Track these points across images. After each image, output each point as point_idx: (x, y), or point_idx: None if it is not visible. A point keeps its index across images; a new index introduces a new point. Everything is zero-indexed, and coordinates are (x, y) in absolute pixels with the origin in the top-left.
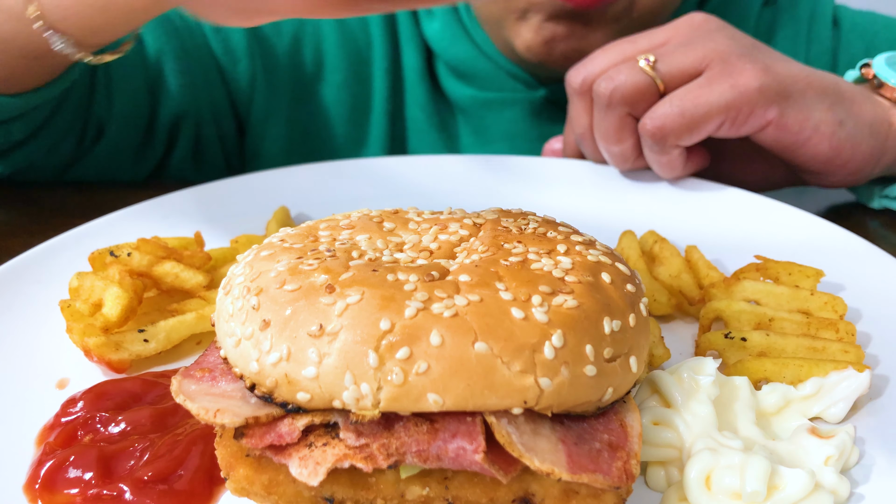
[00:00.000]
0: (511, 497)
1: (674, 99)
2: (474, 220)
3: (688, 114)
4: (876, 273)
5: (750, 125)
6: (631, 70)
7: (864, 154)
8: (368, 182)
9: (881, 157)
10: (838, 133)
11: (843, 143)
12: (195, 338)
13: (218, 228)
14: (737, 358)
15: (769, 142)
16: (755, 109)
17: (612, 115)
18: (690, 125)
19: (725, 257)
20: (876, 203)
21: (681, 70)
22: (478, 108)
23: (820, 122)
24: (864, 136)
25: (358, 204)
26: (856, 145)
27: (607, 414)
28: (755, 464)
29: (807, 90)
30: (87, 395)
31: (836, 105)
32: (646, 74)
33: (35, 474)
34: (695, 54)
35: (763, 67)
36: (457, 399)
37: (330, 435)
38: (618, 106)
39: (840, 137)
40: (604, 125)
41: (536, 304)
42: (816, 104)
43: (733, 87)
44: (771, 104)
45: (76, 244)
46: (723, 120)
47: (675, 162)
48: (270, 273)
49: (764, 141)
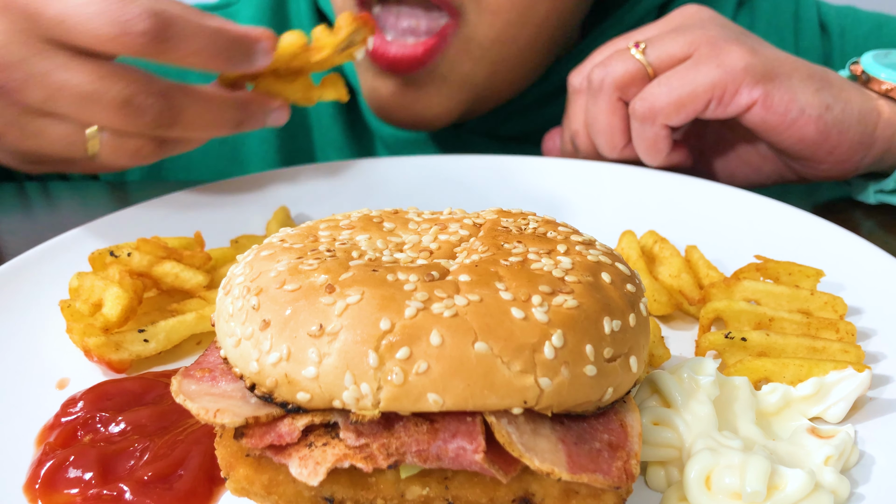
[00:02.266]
0: (511, 497)
1: (662, 80)
2: (474, 220)
3: (675, 92)
4: (876, 273)
5: (736, 104)
6: (622, 57)
7: (853, 141)
8: (368, 182)
9: (870, 146)
10: (825, 116)
11: (831, 128)
12: (195, 338)
13: (218, 228)
14: (737, 358)
15: (756, 122)
16: (741, 88)
17: (602, 100)
18: (678, 104)
19: (725, 257)
20: (872, 198)
21: (669, 55)
22: (400, 145)
23: (806, 104)
24: (852, 123)
25: (358, 204)
26: (843, 131)
27: (607, 414)
28: (755, 464)
29: (793, 73)
30: (87, 395)
31: (822, 90)
32: (636, 61)
33: (35, 474)
34: (683, 39)
35: (750, 49)
36: (457, 399)
37: (330, 435)
38: (609, 91)
39: (827, 121)
40: (595, 111)
41: (536, 304)
42: (803, 87)
43: (719, 65)
44: (757, 83)
45: (76, 244)
46: (709, 98)
47: (661, 146)
48: (270, 273)
49: (752, 122)
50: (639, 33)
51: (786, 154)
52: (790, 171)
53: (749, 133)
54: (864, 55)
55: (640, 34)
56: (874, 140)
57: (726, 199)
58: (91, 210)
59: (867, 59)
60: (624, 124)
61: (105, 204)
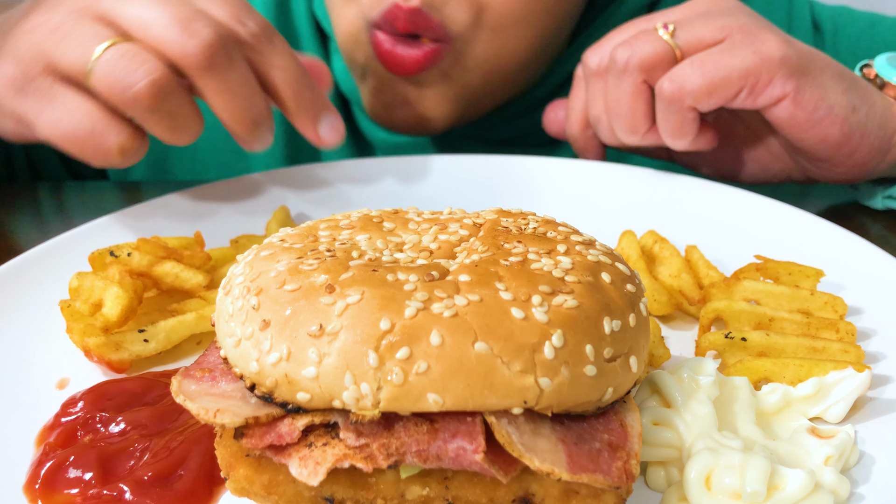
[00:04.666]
0: (511, 497)
1: (695, 61)
2: (474, 220)
3: (708, 76)
4: (876, 273)
5: (767, 95)
6: (649, 38)
7: (872, 145)
8: (368, 182)
9: (887, 152)
10: (850, 118)
11: (854, 130)
12: (195, 338)
13: (218, 228)
14: (737, 358)
15: (783, 118)
16: (774, 79)
17: (626, 82)
18: (710, 88)
19: (725, 257)
20: (879, 203)
21: (700, 39)
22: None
23: (835, 103)
24: (873, 127)
25: (358, 204)
26: (865, 134)
27: (607, 414)
28: (755, 464)
29: (825, 70)
30: (87, 395)
31: (850, 90)
32: (664, 42)
33: (35, 474)
34: (715, 24)
35: (785, 40)
36: (457, 399)
37: (330, 435)
38: (634, 72)
39: (852, 123)
40: (617, 93)
41: (536, 304)
42: (833, 85)
43: (756, 52)
44: (791, 76)
45: (76, 244)
46: (742, 85)
47: (688, 128)
48: (270, 273)
49: (778, 117)
50: (662, 16)
51: (803, 154)
52: (800, 172)
53: (760, 129)
54: (878, 58)
55: (663, 17)
56: (891, 146)
57: (726, 199)
58: (92, 210)
59: (881, 62)
60: (648, 108)
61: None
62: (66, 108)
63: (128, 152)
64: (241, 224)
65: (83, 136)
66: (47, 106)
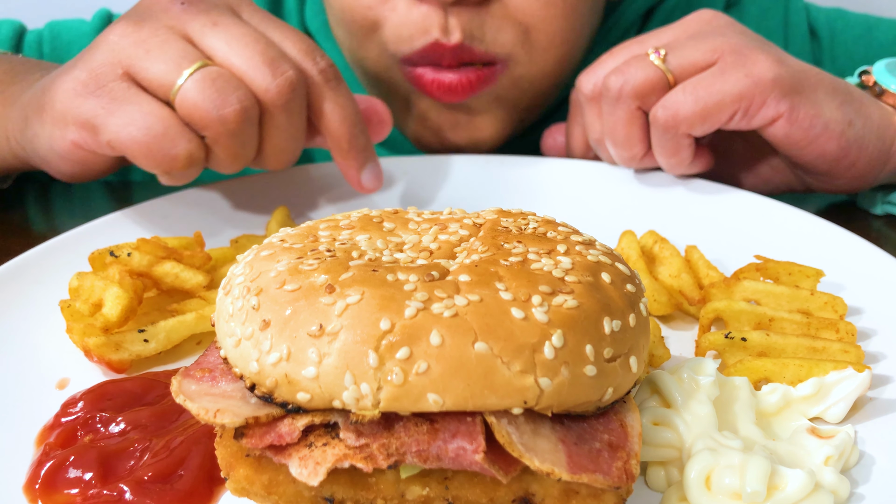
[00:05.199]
0: (511, 497)
1: (687, 87)
2: (474, 220)
3: (701, 102)
4: (876, 273)
5: (762, 117)
6: (641, 64)
7: (871, 157)
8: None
9: (886, 162)
10: (847, 133)
11: (852, 144)
12: (195, 338)
13: (218, 228)
14: (737, 358)
15: (779, 137)
16: (768, 100)
17: (621, 110)
18: (704, 114)
19: (725, 257)
20: (878, 209)
21: (692, 63)
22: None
23: (830, 119)
24: (871, 139)
25: (358, 204)
26: (863, 147)
27: (607, 414)
28: (755, 464)
29: (818, 86)
30: (87, 395)
31: (845, 104)
32: (656, 68)
33: (35, 474)
34: (706, 46)
35: (777, 59)
36: (457, 399)
37: (330, 435)
38: (628, 100)
39: (849, 137)
40: (612, 120)
41: (536, 304)
42: (827, 101)
43: (748, 75)
44: (784, 96)
45: (76, 244)
46: (736, 109)
47: (684, 154)
48: (270, 273)
49: (774, 136)
50: (654, 38)
51: (802, 168)
52: (800, 183)
53: (760, 144)
54: (876, 64)
55: (655, 39)
56: (890, 155)
57: (726, 199)
58: (92, 210)
59: (879, 69)
60: (643, 133)
61: (105, 204)
62: (142, 110)
63: (194, 162)
64: (241, 224)
65: (154, 139)
66: (120, 107)
